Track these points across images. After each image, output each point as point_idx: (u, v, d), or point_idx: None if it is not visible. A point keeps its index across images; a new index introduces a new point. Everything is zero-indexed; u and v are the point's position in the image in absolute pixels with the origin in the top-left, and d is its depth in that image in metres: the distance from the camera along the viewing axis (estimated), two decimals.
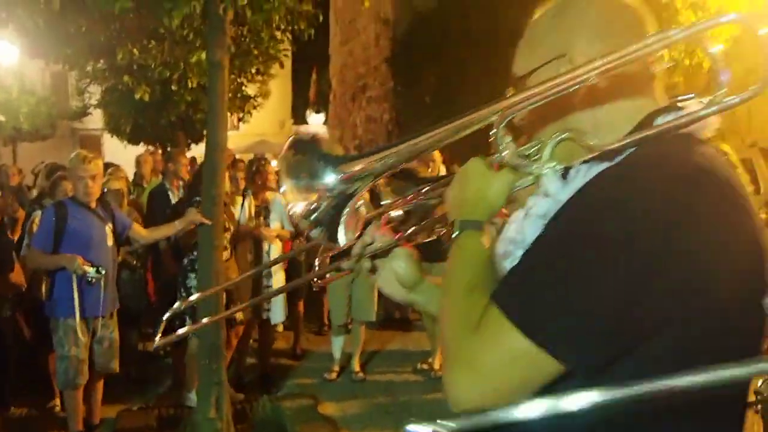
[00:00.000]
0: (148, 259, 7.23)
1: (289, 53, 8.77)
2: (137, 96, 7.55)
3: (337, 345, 7.48)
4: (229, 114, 6.76)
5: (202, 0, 4.99)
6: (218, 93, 5.42)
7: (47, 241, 5.19)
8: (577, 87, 1.26)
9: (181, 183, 8.20)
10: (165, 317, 2.73)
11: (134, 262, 6.91)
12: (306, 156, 1.49)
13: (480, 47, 11.84)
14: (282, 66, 8.05)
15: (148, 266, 7.26)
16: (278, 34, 6.99)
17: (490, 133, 1.33)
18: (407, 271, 1.74)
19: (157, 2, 5.20)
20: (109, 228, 5.38)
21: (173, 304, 2.70)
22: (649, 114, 1.34)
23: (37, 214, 5.73)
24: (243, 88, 10.56)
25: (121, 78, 8.34)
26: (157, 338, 2.51)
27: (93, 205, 5.36)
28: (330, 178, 1.45)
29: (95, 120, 21.04)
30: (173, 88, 7.69)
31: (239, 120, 12.93)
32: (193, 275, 5.98)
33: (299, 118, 36.01)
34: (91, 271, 5.07)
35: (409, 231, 1.78)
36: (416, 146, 1.46)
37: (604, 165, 1.24)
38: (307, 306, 8.40)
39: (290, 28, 6.45)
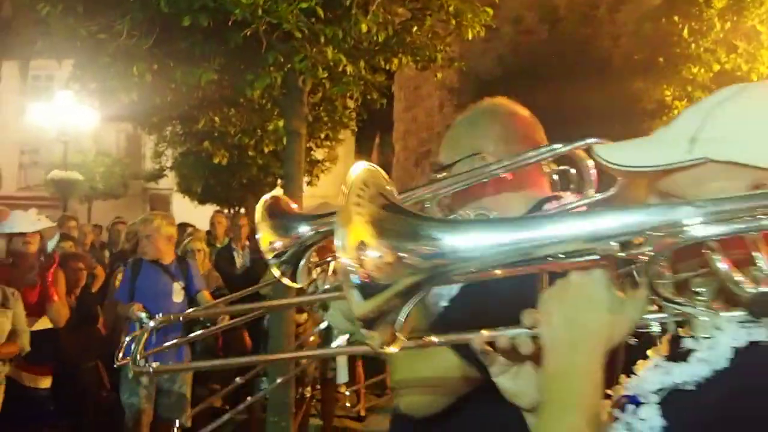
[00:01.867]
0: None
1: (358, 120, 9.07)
2: (216, 160, 7.90)
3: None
4: None
5: (282, 72, 5.26)
6: (294, 160, 5.67)
7: (124, 294, 5.48)
8: (487, 178, 1.76)
9: (247, 243, 8.48)
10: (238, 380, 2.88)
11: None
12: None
13: (543, 117, 11.88)
14: (354, 133, 8.31)
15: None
16: (350, 103, 7.25)
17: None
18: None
19: (239, 73, 5.50)
20: (178, 285, 5.58)
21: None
22: (539, 201, 1.87)
23: (121, 270, 6.02)
24: (312, 152, 10.88)
25: (199, 143, 8.73)
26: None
27: (166, 261, 5.58)
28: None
29: (165, 180, 21.81)
30: (250, 153, 8.02)
31: (307, 184, 13.28)
32: None
33: None
34: (143, 316, 5.26)
35: None
36: None
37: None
38: (368, 366, 8.43)
39: (363, 97, 6.70)
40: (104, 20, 5.09)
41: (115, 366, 2.00)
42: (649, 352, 1.22)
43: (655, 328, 1.10)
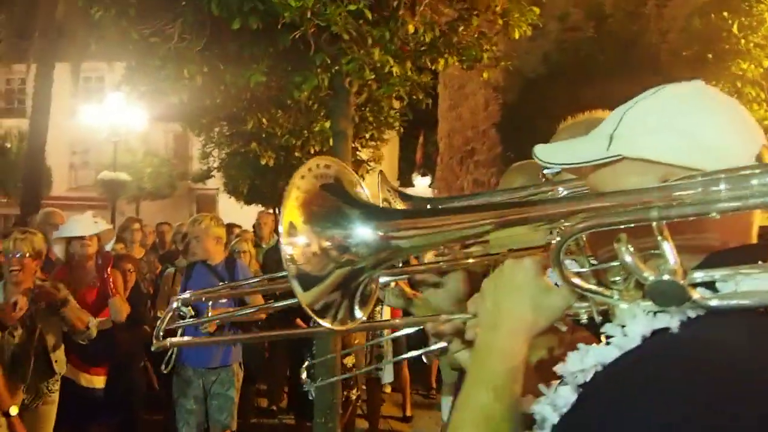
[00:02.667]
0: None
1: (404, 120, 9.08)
2: (263, 161, 7.98)
3: (447, 405, 7.45)
4: None
5: (329, 73, 5.30)
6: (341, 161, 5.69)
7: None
8: None
9: None
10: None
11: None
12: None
13: None
14: (399, 133, 8.34)
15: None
16: (396, 103, 7.27)
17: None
18: None
19: (287, 75, 5.56)
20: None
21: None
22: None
23: (170, 272, 6.13)
24: (357, 152, 10.92)
25: (247, 144, 8.84)
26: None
27: (214, 262, 5.66)
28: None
29: (212, 180, 22.13)
30: (296, 154, 8.09)
31: None
32: None
33: (406, 180, 36.56)
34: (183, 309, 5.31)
35: None
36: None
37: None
38: (413, 368, 8.45)
39: (409, 97, 6.71)
40: (156, 23, 5.20)
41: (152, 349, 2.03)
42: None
43: (584, 317, 1.20)
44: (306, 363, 4.35)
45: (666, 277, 0.96)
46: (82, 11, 5.76)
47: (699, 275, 1.02)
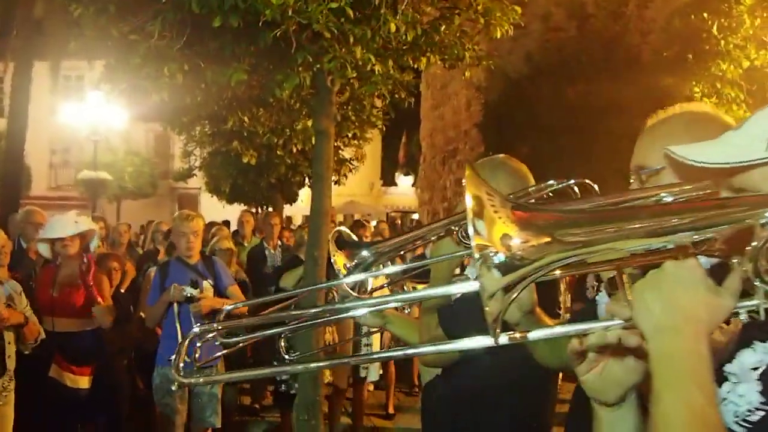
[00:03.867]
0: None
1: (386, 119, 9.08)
2: (245, 160, 7.95)
3: None
4: None
5: (311, 72, 5.28)
6: (323, 159, 5.69)
7: (155, 297, 5.51)
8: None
9: (279, 243, 8.54)
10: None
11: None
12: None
13: (572, 114, 11.87)
14: (381, 132, 8.34)
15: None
16: (378, 102, 7.27)
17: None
18: None
19: (268, 74, 5.54)
20: (208, 283, 5.59)
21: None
22: None
23: (152, 270, 6.08)
24: (339, 151, 10.92)
25: (228, 142, 8.80)
26: None
27: (194, 260, 5.62)
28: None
29: (194, 180, 22.02)
30: (278, 152, 8.07)
31: (334, 183, 13.34)
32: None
33: (388, 180, 36.60)
34: (188, 289, 5.28)
35: None
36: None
37: None
38: (397, 365, 8.46)
39: (391, 96, 6.71)
40: (136, 21, 5.15)
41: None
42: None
43: (743, 316, 1.15)
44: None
45: None
46: (61, 8, 5.71)
47: None
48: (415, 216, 26.15)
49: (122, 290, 6.82)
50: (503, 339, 1.09)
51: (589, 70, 11.90)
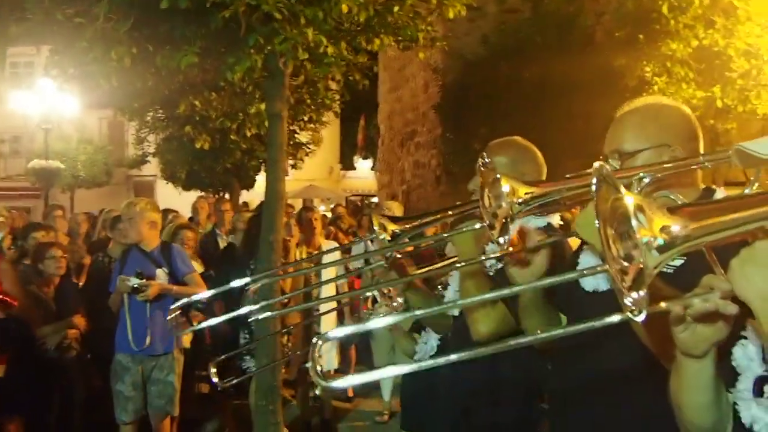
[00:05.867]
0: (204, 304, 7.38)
1: (341, 102, 9.02)
2: (198, 145, 7.83)
3: (387, 388, 7.52)
4: None
5: (263, 54, 5.21)
6: (277, 143, 5.64)
7: (115, 284, 5.46)
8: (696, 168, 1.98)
9: (231, 229, 8.48)
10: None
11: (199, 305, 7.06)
12: None
13: (528, 95, 11.94)
14: (337, 115, 8.28)
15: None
16: (333, 84, 7.21)
17: None
18: None
19: (220, 57, 5.45)
20: (162, 271, 5.52)
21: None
22: (703, 190, 2.12)
23: (104, 259, 6.01)
24: (296, 135, 10.83)
25: (181, 128, 8.66)
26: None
27: (149, 248, 5.56)
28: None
29: (149, 167, 21.65)
30: (232, 137, 7.96)
31: (291, 167, 13.23)
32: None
33: (347, 163, 36.50)
34: (132, 280, 5.24)
35: None
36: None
37: None
38: (358, 350, 8.48)
39: (345, 78, 6.66)
40: (81, 4, 5.02)
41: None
42: None
43: None
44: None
45: None
46: None
47: None
48: (375, 199, 26.14)
49: (79, 282, 6.71)
50: (642, 315, 1.26)
51: (545, 51, 11.95)
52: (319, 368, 1.59)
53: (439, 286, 3.38)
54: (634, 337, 1.87)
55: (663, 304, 1.38)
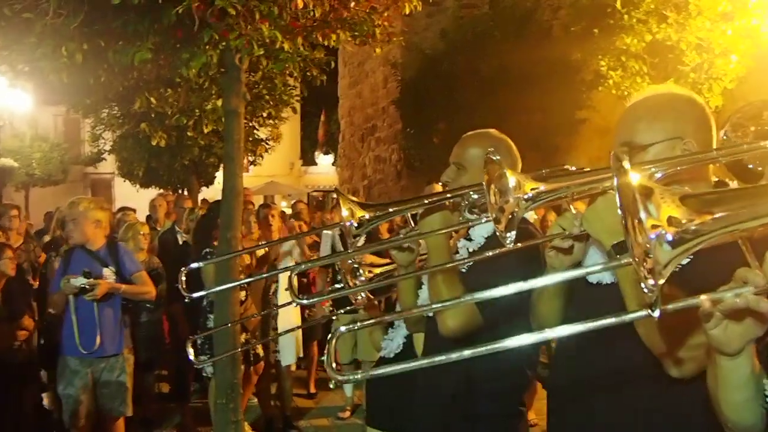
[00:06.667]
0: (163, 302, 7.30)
1: (300, 98, 8.97)
2: (154, 142, 7.71)
3: (349, 384, 7.53)
4: None
5: (218, 50, 5.15)
6: (234, 139, 5.58)
7: (57, 284, 5.35)
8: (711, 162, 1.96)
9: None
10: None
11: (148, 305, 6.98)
12: None
13: (487, 89, 12.01)
14: (295, 111, 8.23)
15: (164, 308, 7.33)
16: (291, 80, 7.16)
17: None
18: None
19: (175, 53, 5.37)
20: (109, 271, 5.43)
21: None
22: (716, 183, 2.07)
23: (57, 260, 5.88)
24: (255, 131, 10.74)
25: (137, 124, 8.53)
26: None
27: (94, 247, 5.45)
28: None
29: (106, 164, 21.30)
30: (189, 133, 7.87)
31: (251, 163, 13.11)
32: (212, 316, 6.05)
33: (308, 159, 36.35)
34: (79, 280, 5.14)
35: None
36: None
37: None
38: (320, 346, 8.46)
39: (303, 74, 6.62)
40: None
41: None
42: None
43: None
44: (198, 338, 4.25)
45: None
46: None
47: None
48: (336, 195, 26.11)
49: (34, 282, 6.60)
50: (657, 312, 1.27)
51: (503, 45, 12.05)
52: (333, 364, 1.60)
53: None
54: (636, 334, 1.88)
55: (695, 299, 1.34)
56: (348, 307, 3.97)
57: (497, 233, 1.83)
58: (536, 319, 2.33)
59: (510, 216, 1.77)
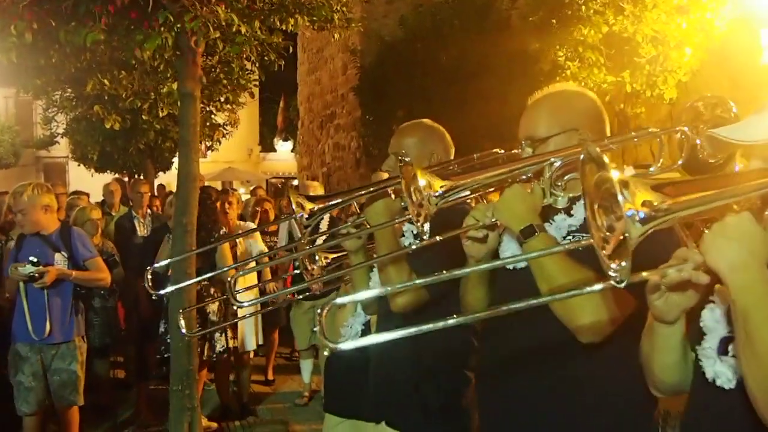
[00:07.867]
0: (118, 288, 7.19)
1: (258, 83, 8.86)
2: (107, 125, 7.56)
3: (307, 369, 7.53)
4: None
5: (173, 32, 5.07)
6: (190, 123, 5.52)
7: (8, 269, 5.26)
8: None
9: (148, 212, 8.27)
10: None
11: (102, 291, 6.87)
12: None
13: (445, 77, 12.04)
14: (252, 96, 8.15)
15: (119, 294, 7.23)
16: (248, 64, 7.09)
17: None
18: None
19: (128, 34, 5.27)
20: (61, 256, 5.32)
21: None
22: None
23: (11, 244, 5.77)
24: (212, 116, 10.61)
25: (90, 107, 8.36)
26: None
27: (47, 232, 5.34)
28: None
29: (60, 148, 20.86)
30: (144, 117, 7.74)
31: (208, 149, 12.94)
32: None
33: (267, 145, 36.04)
34: (28, 268, 5.06)
35: None
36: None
37: None
38: (281, 334, 8.44)
39: (260, 59, 6.56)
40: None
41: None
42: None
43: None
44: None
45: None
46: None
47: None
48: (296, 182, 25.95)
49: None
50: (624, 283, 1.40)
51: (462, 35, 12.06)
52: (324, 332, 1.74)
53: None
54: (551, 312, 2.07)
55: (644, 274, 1.53)
56: (307, 293, 4.09)
57: (417, 228, 2.04)
58: (464, 308, 2.46)
59: (426, 213, 1.98)
